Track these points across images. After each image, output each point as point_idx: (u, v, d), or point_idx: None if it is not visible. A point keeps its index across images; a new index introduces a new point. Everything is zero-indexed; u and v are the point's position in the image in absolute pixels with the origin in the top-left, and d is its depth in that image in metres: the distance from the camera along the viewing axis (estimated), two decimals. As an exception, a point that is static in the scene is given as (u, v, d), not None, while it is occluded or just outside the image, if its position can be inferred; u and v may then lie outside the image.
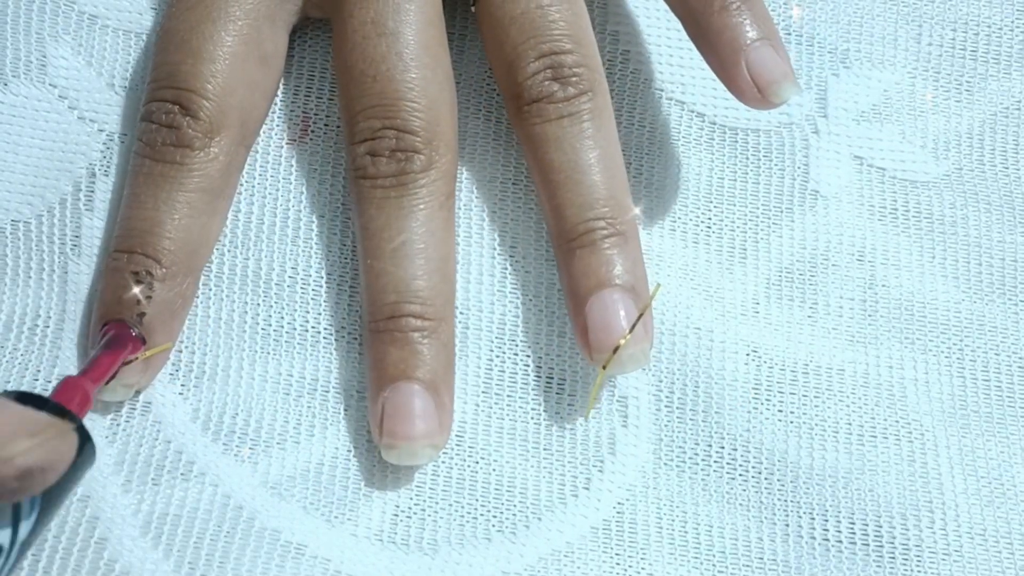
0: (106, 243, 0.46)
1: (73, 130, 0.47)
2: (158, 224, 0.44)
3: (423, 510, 0.44)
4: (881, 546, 0.44)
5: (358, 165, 0.44)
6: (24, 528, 0.33)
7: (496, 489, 0.44)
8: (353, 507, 0.43)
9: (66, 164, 0.46)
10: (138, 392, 0.44)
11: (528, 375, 0.45)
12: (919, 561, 0.44)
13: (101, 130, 0.47)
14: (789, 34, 0.50)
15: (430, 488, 0.44)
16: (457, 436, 0.44)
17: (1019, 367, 0.46)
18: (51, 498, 0.34)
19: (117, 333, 0.42)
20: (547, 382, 0.45)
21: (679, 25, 0.49)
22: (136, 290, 0.43)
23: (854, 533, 0.44)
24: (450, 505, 0.44)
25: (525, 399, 0.45)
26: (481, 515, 0.44)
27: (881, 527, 0.44)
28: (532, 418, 0.45)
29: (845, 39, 0.50)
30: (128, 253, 0.43)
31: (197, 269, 0.45)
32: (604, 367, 0.43)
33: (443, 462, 0.44)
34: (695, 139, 0.48)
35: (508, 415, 0.45)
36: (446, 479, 0.44)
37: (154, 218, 0.44)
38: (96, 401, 0.42)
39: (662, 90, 0.49)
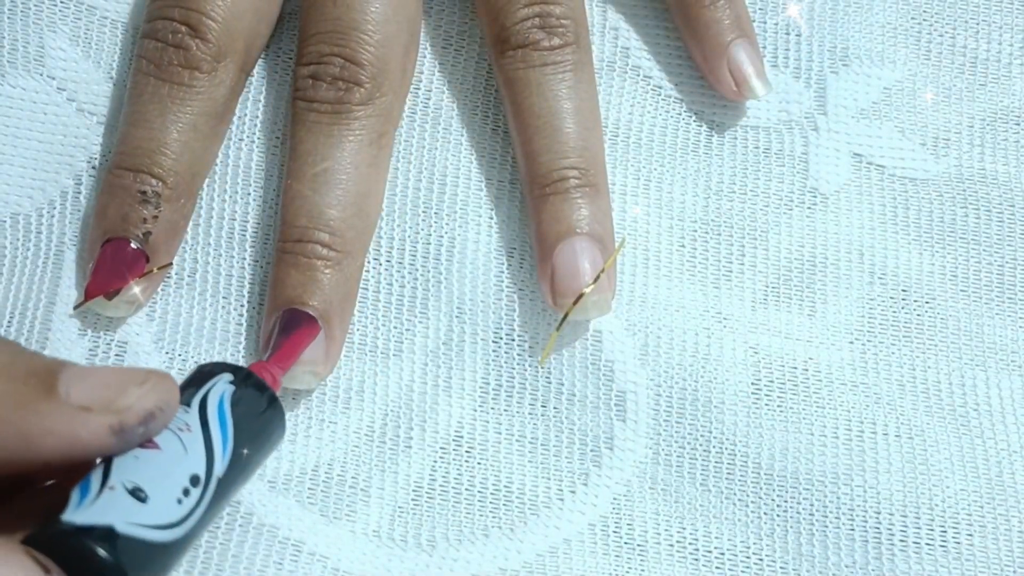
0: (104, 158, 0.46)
1: (72, 122, 0.46)
2: (165, 144, 0.44)
3: (421, 507, 0.43)
4: (880, 544, 0.44)
5: (299, 86, 0.45)
6: (219, 464, 0.35)
7: (494, 486, 0.44)
8: (351, 504, 0.43)
9: (66, 157, 0.46)
10: (138, 308, 0.44)
11: (525, 372, 0.45)
12: (918, 559, 0.44)
13: (100, 123, 0.46)
14: (788, 32, 0.50)
15: (428, 485, 0.44)
16: (455, 434, 0.44)
17: (1017, 364, 0.46)
18: (241, 436, 0.36)
19: (291, 316, 0.43)
20: (545, 379, 0.45)
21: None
22: (143, 209, 0.43)
23: (853, 531, 0.44)
24: (448, 502, 0.44)
25: (523, 396, 0.45)
26: (479, 512, 0.44)
27: (880, 525, 0.44)
28: (529, 414, 0.45)
29: (845, 36, 0.50)
30: (134, 172, 0.44)
31: (196, 191, 0.45)
32: (567, 313, 0.43)
33: (441, 459, 0.44)
34: (694, 136, 0.48)
35: (505, 412, 0.45)
36: (444, 476, 0.44)
37: (161, 138, 0.44)
38: None
39: (661, 87, 0.49)
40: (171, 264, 0.45)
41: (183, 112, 0.44)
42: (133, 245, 0.43)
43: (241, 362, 0.44)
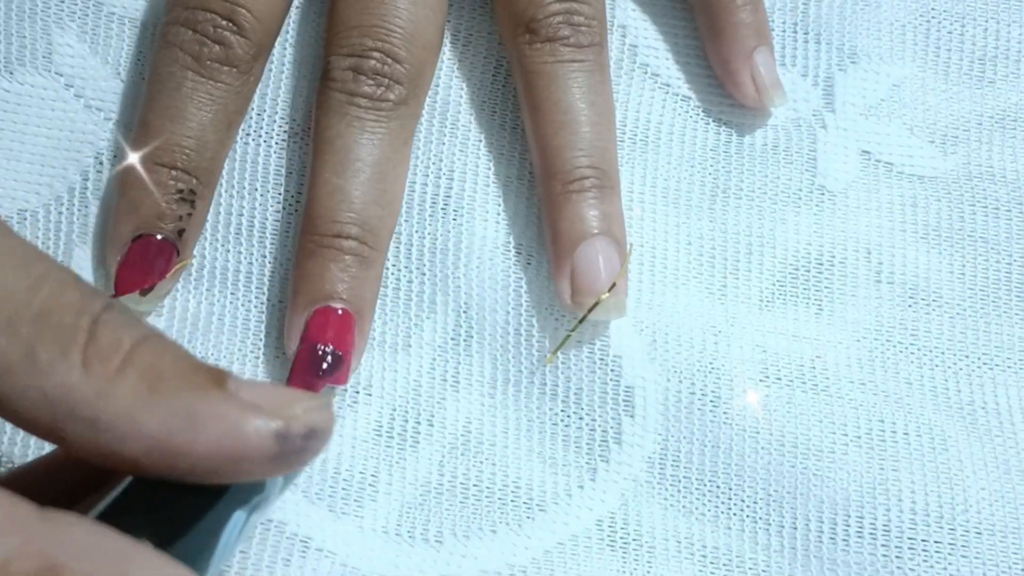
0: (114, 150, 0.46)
1: (80, 119, 0.46)
2: (203, 145, 0.44)
3: (429, 503, 0.43)
4: (889, 542, 0.44)
5: (336, 77, 0.44)
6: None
7: (502, 482, 0.44)
8: (359, 500, 0.43)
9: (73, 153, 0.46)
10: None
11: (533, 368, 0.45)
12: (926, 556, 0.43)
13: (108, 119, 0.46)
14: (796, 30, 0.50)
15: (436, 481, 0.44)
16: (463, 429, 0.44)
17: (1025, 363, 0.46)
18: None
19: (333, 362, 0.43)
20: (552, 374, 0.45)
21: (687, 21, 0.49)
22: (179, 208, 0.43)
23: (862, 528, 0.44)
24: (456, 498, 0.44)
25: (530, 391, 0.45)
26: (487, 508, 0.44)
27: (890, 523, 0.44)
28: (537, 409, 0.45)
29: (853, 34, 0.50)
30: (171, 168, 0.43)
31: (216, 185, 0.45)
32: (586, 313, 0.44)
33: (449, 455, 0.44)
34: (702, 134, 0.48)
35: (513, 407, 0.45)
36: (452, 472, 0.44)
37: (200, 137, 0.44)
38: None
39: (669, 85, 0.49)
40: (193, 258, 0.45)
41: (220, 110, 0.44)
42: (159, 239, 0.43)
43: (248, 356, 0.44)
